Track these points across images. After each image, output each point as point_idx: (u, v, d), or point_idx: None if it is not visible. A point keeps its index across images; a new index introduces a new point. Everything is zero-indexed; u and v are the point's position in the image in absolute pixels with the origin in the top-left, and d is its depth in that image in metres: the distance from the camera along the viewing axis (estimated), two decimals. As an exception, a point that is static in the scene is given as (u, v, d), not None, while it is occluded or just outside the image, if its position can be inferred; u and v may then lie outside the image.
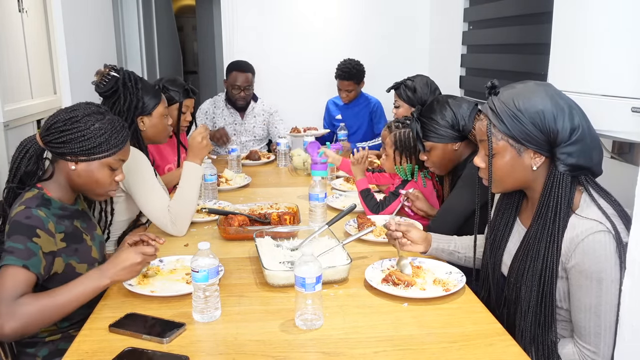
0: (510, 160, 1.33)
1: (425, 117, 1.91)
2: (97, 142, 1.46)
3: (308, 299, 1.27)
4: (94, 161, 1.48)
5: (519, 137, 1.29)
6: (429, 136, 1.90)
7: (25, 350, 1.50)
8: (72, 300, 1.33)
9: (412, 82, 2.66)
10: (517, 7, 2.73)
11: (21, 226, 1.37)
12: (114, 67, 1.94)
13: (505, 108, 1.30)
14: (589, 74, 1.64)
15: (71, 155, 1.46)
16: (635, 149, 1.81)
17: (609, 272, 1.22)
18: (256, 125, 3.59)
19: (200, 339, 1.26)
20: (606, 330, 1.23)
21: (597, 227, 1.22)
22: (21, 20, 2.94)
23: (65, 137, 1.45)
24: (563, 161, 1.27)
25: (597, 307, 1.23)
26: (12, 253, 1.33)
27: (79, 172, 1.48)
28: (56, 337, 1.49)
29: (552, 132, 1.26)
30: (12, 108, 2.72)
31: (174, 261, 1.64)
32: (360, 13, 4.05)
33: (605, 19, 1.57)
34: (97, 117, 1.48)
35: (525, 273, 1.34)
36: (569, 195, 1.28)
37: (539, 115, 1.26)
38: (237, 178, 2.68)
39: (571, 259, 1.26)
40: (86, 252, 1.54)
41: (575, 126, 1.26)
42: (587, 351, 1.26)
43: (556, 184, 1.28)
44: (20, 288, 1.30)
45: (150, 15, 5.44)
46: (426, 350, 1.20)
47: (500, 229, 1.48)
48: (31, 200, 1.43)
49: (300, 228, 1.84)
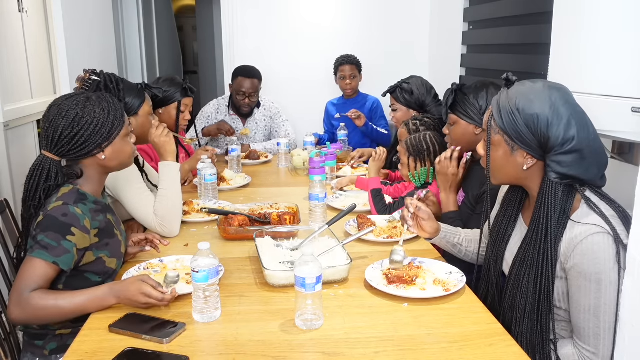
0: (503, 155, 1.35)
1: (462, 91, 1.92)
2: (110, 123, 1.49)
3: (308, 299, 1.27)
4: (115, 140, 1.51)
5: (512, 135, 1.31)
6: (455, 109, 1.91)
7: (34, 342, 1.51)
8: (75, 310, 1.37)
9: (408, 85, 2.67)
10: (517, 7, 2.73)
11: (57, 223, 1.39)
12: (94, 72, 1.93)
13: (507, 104, 1.32)
14: (589, 74, 1.64)
15: (97, 149, 1.49)
16: (635, 149, 1.81)
17: (607, 273, 1.21)
18: (258, 131, 3.57)
19: (200, 339, 1.26)
20: (605, 331, 1.23)
21: (596, 229, 1.22)
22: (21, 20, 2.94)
23: (81, 138, 1.45)
24: (553, 169, 1.28)
25: (596, 309, 1.23)
26: (46, 249, 1.37)
27: (109, 156, 1.52)
28: (66, 332, 1.49)
29: (544, 137, 1.27)
30: (12, 108, 2.73)
31: (174, 261, 1.64)
32: (360, 13, 4.05)
33: (605, 19, 1.57)
34: (91, 102, 1.49)
35: (523, 278, 1.35)
36: (563, 202, 1.29)
37: (532, 118, 1.28)
38: (237, 178, 2.68)
39: (570, 259, 1.26)
40: (116, 246, 1.56)
41: (570, 137, 1.25)
42: (587, 352, 1.26)
43: (548, 190, 1.30)
44: (38, 281, 1.36)
45: (150, 15, 5.44)
46: (426, 350, 1.20)
47: (504, 223, 1.48)
48: (69, 195, 1.45)
49: (300, 228, 1.84)
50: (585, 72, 1.66)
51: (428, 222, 1.62)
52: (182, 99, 2.58)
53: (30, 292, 1.34)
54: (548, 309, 1.31)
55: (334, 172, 2.77)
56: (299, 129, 3.73)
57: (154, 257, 1.66)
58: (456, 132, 1.93)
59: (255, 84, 3.42)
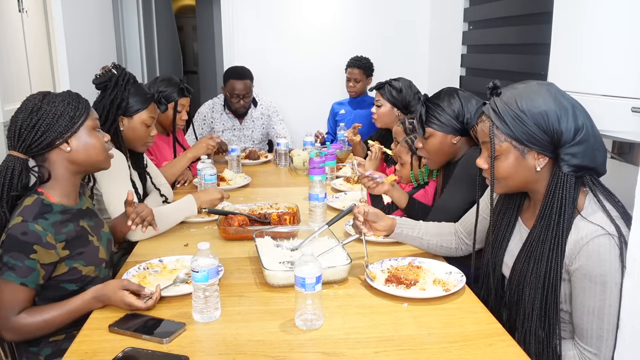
0: (514, 161, 1.32)
1: (432, 102, 1.90)
2: (71, 111, 1.45)
3: (308, 299, 1.27)
4: (79, 130, 1.47)
5: (523, 139, 1.28)
6: (431, 122, 1.88)
7: (29, 348, 1.50)
8: (66, 318, 1.40)
9: (398, 83, 2.73)
10: (517, 7, 2.73)
11: (18, 243, 1.37)
12: (117, 66, 2.00)
13: (508, 109, 1.29)
14: (589, 74, 1.64)
15: (59, 138, 1.44)
16: (635, 149, 1.80)
17: (613, 275, 1.21)
18: (254, 129, 3.57)
19: (200, 339, 1.26)
20: (608, 333, 1.23)
21: (602, 231, 1.22)
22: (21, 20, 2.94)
23: (41, 127, 1.42)
24: (567, 162, 1.26)
25: (600, 310, 1.23)
26: (12, 269, 1.36)
27: (75, 149, 1.47)
28: (60, 337, 1.49)
29: (556, 133, 1.25)
30: (12, 108, 2.72)
31: (174, 261, 1.64)
32: (360, 13, 4.05)
33: (605, 19, 1.56)
34: (51, 96, 1.47)
35: (529, 275, 1.33)
36: (573, 196, 1.28)
37: (542, 116, 1.25)
38: (237, 178, 2.68)
39: (575, 261, 1.25)
40: (93, 253, 1.52)
41: (580, 126, 1.25)
42: (589, 353, 1.26)
43: (560, 185, 1.28)
44: (19, 304, 1.38)
45: (150, 15, 5.44)
46: (426, 350, 1.20)
47: (502, 229, 1.47)
48: (29, 210, 1.40)
49: (300, 228, 1.84)
50: (585, 72, 1.65)
51: (379, 222, 1.63)
52: (179, 99, 2.58)
53: (16, 316, 1.37)
54: (555, 305, 1.29)
55: (334, 172, 2.77)
56: (299, 129, 3.73)
57: (154, 257, 1.66)
58: (433, 145, 1.91)
59: (248, 84, 3.42)
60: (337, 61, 3.81)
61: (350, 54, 3.68)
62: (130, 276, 1.53)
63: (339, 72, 3.80)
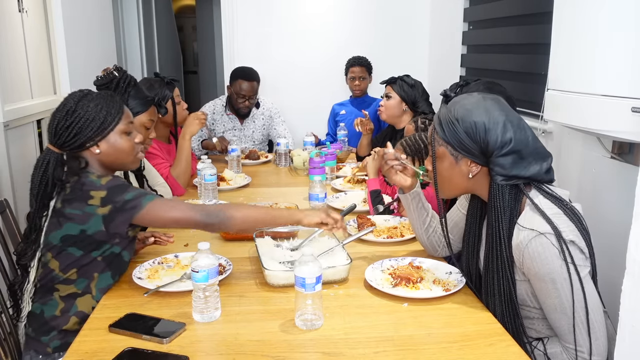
0: (448, 166, 1.39)
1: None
2: (102, 117, 1.52)
3: (308, 299, 1.27)
4: (109, 135, 1.54)
5: (455, 145, 1.36)
6: None
7: (40, 338, 1.49)
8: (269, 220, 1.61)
9: (411, 79, 2.81)
10: (517, 7, 2.74)
11: (120, 184, 1.47)
12: (119, 68, 2.04)
13: (447, 116, 1.37)
14: (589, 74, 1.64)
15: (89, 141, 1.52)
16: (635, 149, 1.80)
17: (558, 271, 1.24)
18: (255, 130, 3.57)
19: (200, 339, 1.26)
20: (580, 326, 1.25)
21: (535, 233, 1.26)
22: (21, 20, 2.94)
23: (74, 129, 1.49)
24: (497, 172, 1.33)
25: (561, 306, 1.26)
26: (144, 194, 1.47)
27: (104, 152, 1.54)
28: (73, 328, 1.46)
29: (483, 142, 1.32)
30: (12, 108, 2.72)
31: (189, 257, 1.61)
32: (360, 13, 4.05)
33: (605, 19, 1.57)
34: (87, 98, 1.53)
35: (492, 283, 1.38)
36: (510, 204, 1.33)
37: (471, 126, 1.33)
38: (237, 178, 2.68)
39: (523, 264, 1.30)
40: None
41: (507, 140, 1.31)
42: (570, 348, 1.29)
43: (496, 193, 1.34)
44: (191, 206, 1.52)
45: (150, 15, 5.44)
46: (426, 350, 1.20)
47: (472, 239, 1.51)
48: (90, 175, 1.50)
49: (300, 228, 1.83)
50: (585, 72, 1.66)
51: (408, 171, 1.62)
52: (172, 94, 2.58)
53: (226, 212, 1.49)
54: (514, 312, 1.34)
55: (334, 172, 2.77)
56: (298, 129, 3.73)
57: (154, 256, 1.66)
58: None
59: (255, 86, 3.43)
60: (337, 61, 3.80)
61: (351, 54, 3.68)
62: (143, 269, 1.57)
63: (339, 72, 3.79)
